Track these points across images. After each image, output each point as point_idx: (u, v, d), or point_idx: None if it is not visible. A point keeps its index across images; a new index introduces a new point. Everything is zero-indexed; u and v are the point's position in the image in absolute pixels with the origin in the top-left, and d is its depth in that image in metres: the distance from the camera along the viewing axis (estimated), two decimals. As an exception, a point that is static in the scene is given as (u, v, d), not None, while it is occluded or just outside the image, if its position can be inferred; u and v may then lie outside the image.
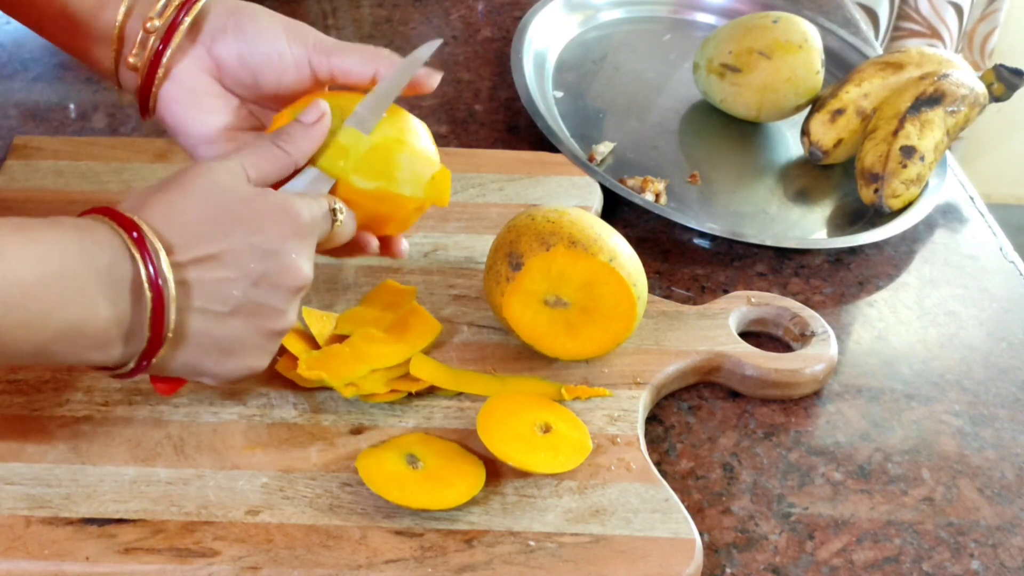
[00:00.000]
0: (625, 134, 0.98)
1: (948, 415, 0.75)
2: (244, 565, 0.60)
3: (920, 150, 0.89)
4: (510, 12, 1.16)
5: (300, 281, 0.61)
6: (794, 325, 0.78)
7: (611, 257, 0.69)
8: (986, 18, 2.07)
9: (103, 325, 0.56)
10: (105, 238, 0.56)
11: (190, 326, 0.59)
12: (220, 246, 0.58)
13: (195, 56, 0.68)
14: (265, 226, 0.60)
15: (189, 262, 0.58)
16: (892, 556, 0.66)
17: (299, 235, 0.61)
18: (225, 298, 0.59)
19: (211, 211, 0.59)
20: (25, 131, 0.94)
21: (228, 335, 0.60)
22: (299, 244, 0.61)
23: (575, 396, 0.71)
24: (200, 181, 0.59)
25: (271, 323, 0.61)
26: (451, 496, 0.63)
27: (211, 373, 0.62)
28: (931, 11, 1.99)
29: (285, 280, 0.61)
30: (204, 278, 0.58)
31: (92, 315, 0.55)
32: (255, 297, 0.60)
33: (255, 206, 0.60)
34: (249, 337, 0.61)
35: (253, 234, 0.59)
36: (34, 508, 0.62)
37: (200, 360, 0.61)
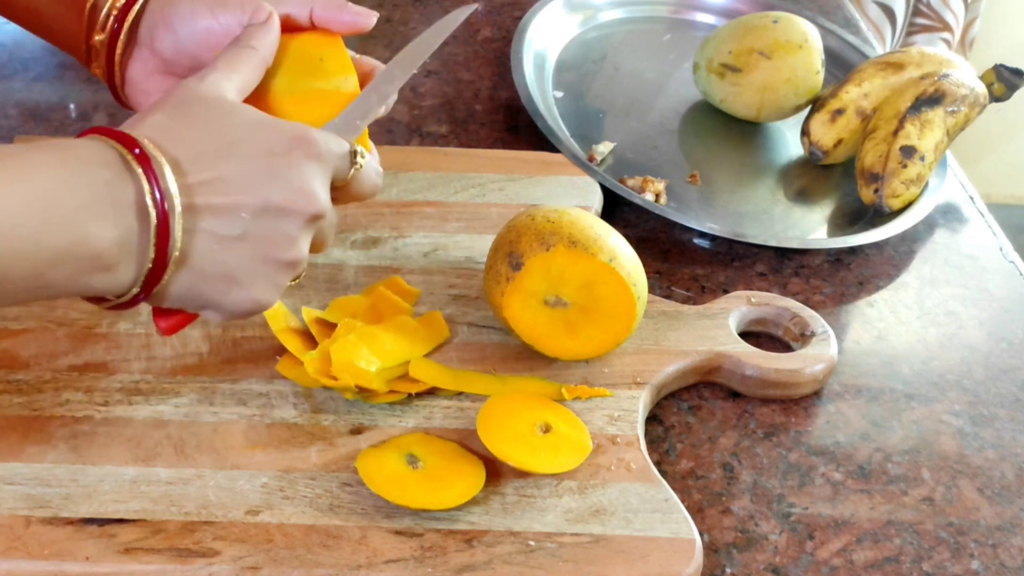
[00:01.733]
0: (625, 134, 0.98)
1: (948, 415, 0.75)
2: (244, 565, 0.60)
3: (920, 150, 0.89)
4: (510, 12, 1.16)
5: (313, 207, 0.59)
6: (794, 325, 0.78)
7: (611, 257, 0.69)
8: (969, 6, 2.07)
9: (104, 246, 0.54)
10: (102, 156, 0.54)
11: (196, 248, 0.56)
12: (228, 167, 0.56)
13: (141, 58, 0.68)
14: (275, 148, 0.58)
15: (196, 184, 0.56)
16: (892, 556, 0.66)
17: (313, 159, 0.59)
18: (233, 221, 0.57)
19: (216, 132, 0.57)
20: (25, 131, 0.94)
21: (236, 261, 0.58)
22: (313, 169, 0.59)
23: (575, 396, 0.71)
24: (200, 103, 0.58)
25: (281, 252, 0.59)
26: (451, 496, 0.63)
27: (216, 304, 0.59)
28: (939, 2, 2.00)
29: (297, 204, 0.58)
30: (212, 200, 0.56)
31: (85, 236, 0.53)
32: (265, 221, 0.58)
33: (263, 130, 0.58)
34: (257, 265, 0.59)
35: (262, 157, 0.57)
36: (34, 508, 0.62)
37: (205, 288, 0.58)
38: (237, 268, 0.58)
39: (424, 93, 1.02)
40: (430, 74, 1.05)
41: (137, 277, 0.56)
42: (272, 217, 0.58)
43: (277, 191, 0.58)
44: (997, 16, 2.17)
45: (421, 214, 0.84)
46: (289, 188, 0.58)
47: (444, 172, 0.88)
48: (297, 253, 0.60)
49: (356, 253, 0.80)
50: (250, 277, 0.59)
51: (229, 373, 0.71)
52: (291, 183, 0.58)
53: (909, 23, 2.03)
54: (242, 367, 0.71)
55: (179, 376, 0.70)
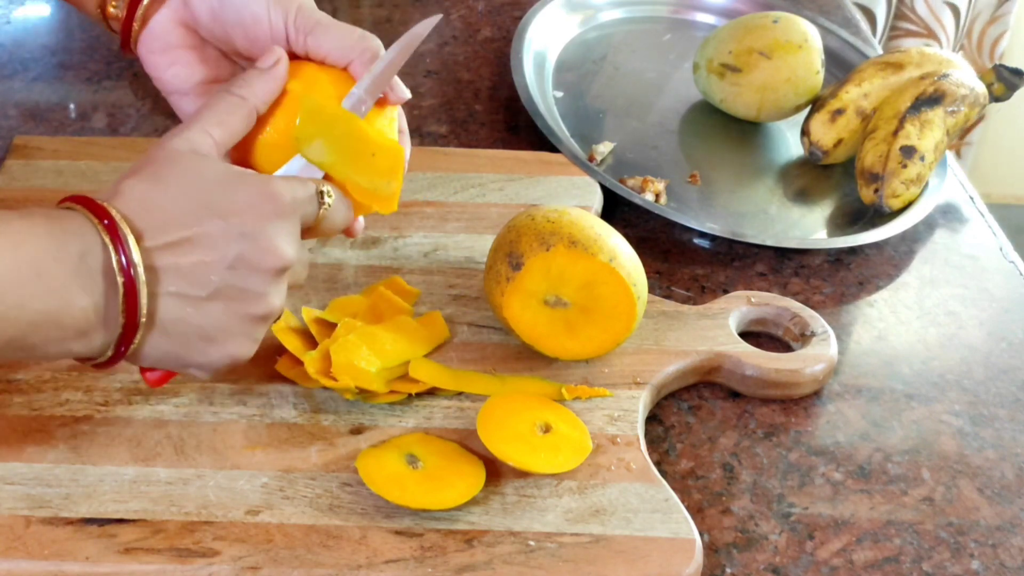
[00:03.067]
0: (625, 134, 0.98)
1: (948, 415, 0.75)
2: (244, 565, 0.60)
3: (920, 150, 0.89)
4: (510, 12, 1.16)
5: (280, 262, 0.59)
6: (794, 325, 0.78)
7: (611, 257, 0.69)
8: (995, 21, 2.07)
9: (80, 314, 0.55)
10: (78, 227, 0.55)
11: (165, 311, 0.57)
12: (193, 230, 0.57)
13: (171, 6, 0.67)
14: (241, 207, 0.58)
15: (163, 247, 0.56)
16: (892, 556, 0.66)
17: (279, 215, 0.59)
18: (202, 282, 0.58)
19: (184, 194, 0.57)
20: (25, 131, 0.94)
21: (208, 321, 0.59)
22: (279, 225, 0.59)
23: (575, 396, 0.71)
24: (172, 163, 0.58)
25: (252, 308, 0.60)
26: (451, 496, 0.63)
27: (195, 363, 0.60)
28: (927, 12, 1.99)
29: (264, 262, 0.59)
30: (178, 263, 0.57)
31: (67, 304, 0.54)
32: (233, 281, 0.58)
33: (230, 188, 0.58)
34: (230, 323, 0.59)
35: (228, 216, 0.58)
36: (34, 508, 0.62)
37: (182, 348, 0.59)
38: (210, 327, 0.59)
39: (424, 93, 1.02)
40: (430, 74, 1.05)
41: (110, 341, 0.57)
42: (240, 275, 0.59)
43: (244, 250, 0.58)
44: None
45: (421, 214, 0.84)
46: (256, 247, 0.58)
47: (444, 172, 0.88)
48: (268, 307, 0.60)
49: (356, 253, 0.80)
50: (224, 335, 0.60)
51: (229, 373, 0.71)
52: (258, 242, 0.58)
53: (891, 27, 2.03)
54: (242, 367, 0.71)
55: (179, 376, 0.70)
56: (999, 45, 2.09)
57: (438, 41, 1.10)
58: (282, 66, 0.63)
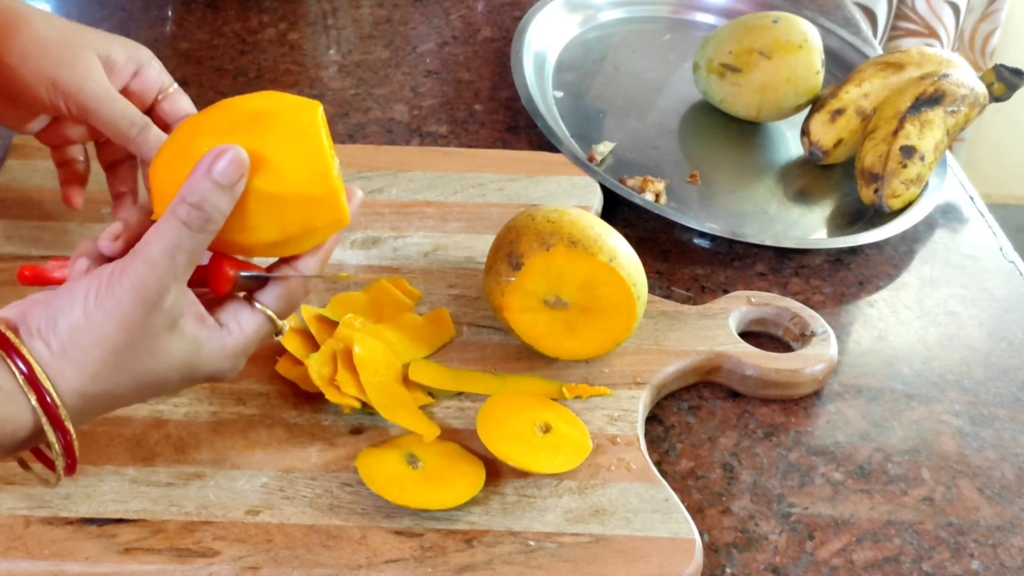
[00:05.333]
0: (625, 134, 0.98)
1: (948, 415, 0.75)
2: (244, 565, 0.60)
3: (920, 150, 0.89)
4: (510, 12, 1.16)
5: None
6: (794, 325, 0.78)
7: (611, 257, 0.69)
8: (987, 18, 2.07)
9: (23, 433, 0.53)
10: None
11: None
12: (127, 398, 0.56)
13: None
14: (200, 379, 0.58)
15: (90, 396, 0.54)
16: (892, 556, 0.66)
17: (235, 371, 0.59)
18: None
19: (134, 378, 0.55)
20: (25, 131, 0.94)
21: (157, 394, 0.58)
22: (232, 375, 0.59)
23: (576, 395, 0.71)
24: (140, 352, 0.54)
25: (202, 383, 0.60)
26: (451, 496, 0.63)
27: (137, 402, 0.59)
28: (928, 10, 1.99)
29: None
30: (98, 408, 0.56)
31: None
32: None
33: (191, 371, 0.57)
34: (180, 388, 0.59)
35: (167, 389, 0.57)
36: (34, 508, 0.62)
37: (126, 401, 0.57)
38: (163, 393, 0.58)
39: (424, 93, 1.02)
40: (430, 74, 1.05)
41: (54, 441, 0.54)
42: None
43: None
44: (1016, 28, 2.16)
45: (421, 214, 0.84)
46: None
47: (444, 172, 0.88)
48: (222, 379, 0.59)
49: (356, 253, 0.80)
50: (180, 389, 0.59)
51: (229, 373, 0.71)
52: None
53: (892, 27, 2.03)
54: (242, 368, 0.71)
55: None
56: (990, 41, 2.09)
57: (438, 41, 1.10)
58: (245, 175, 0.55)
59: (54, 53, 0.69)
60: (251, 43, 1.08)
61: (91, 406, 0.55)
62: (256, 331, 0.58)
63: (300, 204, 0.56)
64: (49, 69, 0.69)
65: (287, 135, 0.56)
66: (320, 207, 0.57)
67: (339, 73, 1.04)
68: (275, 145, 0.55)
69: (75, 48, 0.70)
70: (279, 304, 0.58)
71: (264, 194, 0.55)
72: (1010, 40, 2.16)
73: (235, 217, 0.55)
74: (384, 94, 1.02)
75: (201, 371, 0.57)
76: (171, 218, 0.54)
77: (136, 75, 0.73)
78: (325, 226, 0.58)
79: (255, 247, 0.57)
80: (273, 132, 0.56)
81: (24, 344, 0.52)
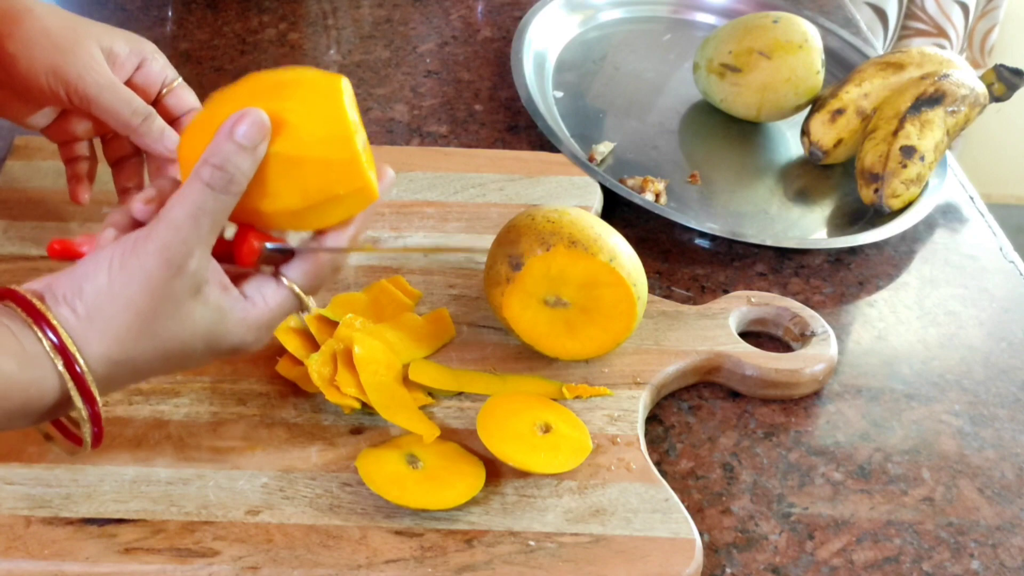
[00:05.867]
0: (625, 134, 0.98)
1: (948, 415, 0.75)
2: (244, 565, 0.60)
3: (920, 150, 0.89)
4: (510, 12, 1.16)
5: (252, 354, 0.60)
6: (794, 325, 0.78)
7: (611, 257, 0.69)
8: (985, 15, 2.07)
9: (49, 399, 0.53)
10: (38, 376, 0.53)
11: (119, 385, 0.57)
12: (151, 368, 0.56)
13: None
14: (224, 352, 0.58)
15: (116, 363, 0.54)
16: (892, 556, 0.66)
17: (260, 344, 0.59)
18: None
19: (162, 346, 0.55)
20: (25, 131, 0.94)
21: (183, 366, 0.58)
22: (256, 348, 0.59)
23: (576, 395, 0.71)
24: (165, 316, 0.54)
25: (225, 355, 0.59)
26: (451, 496, 0.63)
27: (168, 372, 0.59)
28: (937, 10, 2.00)
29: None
30: (125, 378, 0.56)
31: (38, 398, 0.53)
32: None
33: (216, 339, 0.57)
34: (205, 360, 0.59)
35: (209, 359, 0.58)
36: (34, 508, 0.62)
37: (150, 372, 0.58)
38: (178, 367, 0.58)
39: (424, 93, 1.02)
40: (430, 74, 1.05)
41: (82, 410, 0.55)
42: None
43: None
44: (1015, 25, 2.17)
45: (421, 214, 0.84)
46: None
47: (444, 172, 0.88)
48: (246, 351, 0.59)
49: (356, 253, 0.80)
50: (193, 364, 0.59)
51: (229, 373, 0.71)
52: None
53: (902, 26, 2.03)
54: (242, 367, 0.71)
55: (179, 376, 0.70)
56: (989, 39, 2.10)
57: (438, 41, 1.10)
58: (267, 137, 0.55)
59: (56, 42, 0.69)
60: (251, 43, 1.08)
61: (117, 373, 0.55)
62: (280, 305, 0.58)
63: (320, 168, 0.56)
64: (50, 58, 0.69)
65: (308, 101, 0.56)
66: (340, 172, 0.56)
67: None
68: (296, 109, 0.55)
69: (77, 38, 0.70)
70: (305, 279, 0.58)
71: (284, 157, 0.55)
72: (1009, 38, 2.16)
73: (257, 183, 0.55)
74: (384, 94, 1.02)
75: (225, 341, 0.57)
76: (194, 181, 0.54)
77: (140, 68, 0.73)
78: (348, 194, 0.57)
79: (278, 215, 0.57)
80: (295, 98, 0.56)
81: (50, 310, 0.53)
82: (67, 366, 0.52)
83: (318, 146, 0.56)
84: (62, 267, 0.56)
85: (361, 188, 0.57)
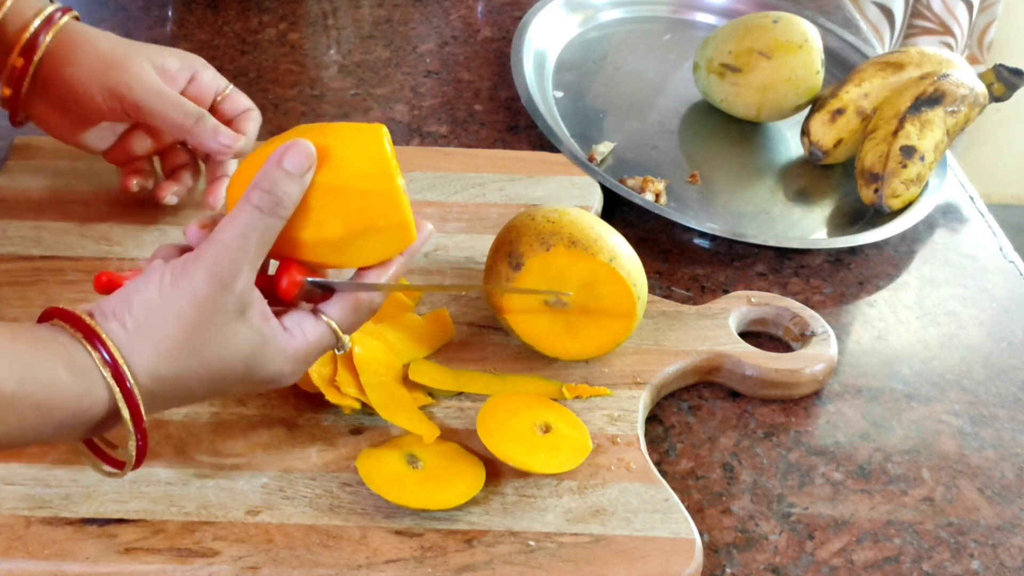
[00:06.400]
0: (625, 134, 0.98)
1: (948, 415, 0.75)
2: (244, 565, 0.60)
3: (920, 150, 0.89)
4: (510, 12, 1.16)
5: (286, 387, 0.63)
6: (794, 325, 0.78)
7: (611, 257, 0.69)
8: (985, 10, 2.07)
9: (98, 412, 0.54)
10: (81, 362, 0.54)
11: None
12: (193, 392, 0.58)
13: (43, 102, 0.77)
14: (259, 383, 0.60)
15: (160, 388, 0.56)
16: (892, 556, 0.66)
17: (294, 378, 0.61)
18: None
19: (212, 377, 0.57)
20: (25, 131, 0.94)
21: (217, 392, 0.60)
22: (290, 381, 0.61)
23: (576, 395, 0.71)
24: (209, 331, 0.56)
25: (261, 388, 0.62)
26: (451, 496, 0.63)
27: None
28: (942, 7, 2.00)
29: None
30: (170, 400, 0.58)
31: (87, 407, 0.54)
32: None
33: (257, 367, 0.58)
34: (244, 390, 0.62)
35: (245, 387, 0.60)
36: (34, 508, 0.62)
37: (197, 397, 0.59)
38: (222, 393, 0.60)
39: (424, 93, 1.02)
40: (430, 74, 1.05)
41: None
42: None
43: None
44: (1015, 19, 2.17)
45: (421, 214, 0.84)
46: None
47: (444, 172, 0.88)
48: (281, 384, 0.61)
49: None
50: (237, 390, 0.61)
51: (229, 373, 0.71)
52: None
53: (909, 25, 2.03)
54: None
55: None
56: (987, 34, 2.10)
57: (438, 41, 1.10)
58: (314, 165, 0.58)
59: (108, 61, 0.75)
60: (251, 43, 1.08)
61: (162, 390, 0.55)
62: (319, 339, 0.60)
63: (361, 198, 0.58)
64: (104, 76, 0.75)
65: (352, 139, 0.59)
66: (381, 204, 0.59)
67: (339, 73, 1.04)
68: (340, 146, 0.59)
69: (128, 54, 0.76)
70: (343, 316, 0.60)
71: (328, 187, 0.58)
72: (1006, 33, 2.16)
73: (301, 212, 0.58)
74: (384, 94, 1.02)
75: (264, 369, 0.58)
76: (244, 204, 0.56)
77: (192, 81, 0.78)
78: (387, 228, 0.60)
79: (319, 246, 0.59)
80: (339, 136, 0.59)
81: (99, 325, 0.54)
82: (116, 378, 0.54)
83: (361, 178, 0.59)
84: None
85: (399, 224, 0.60)
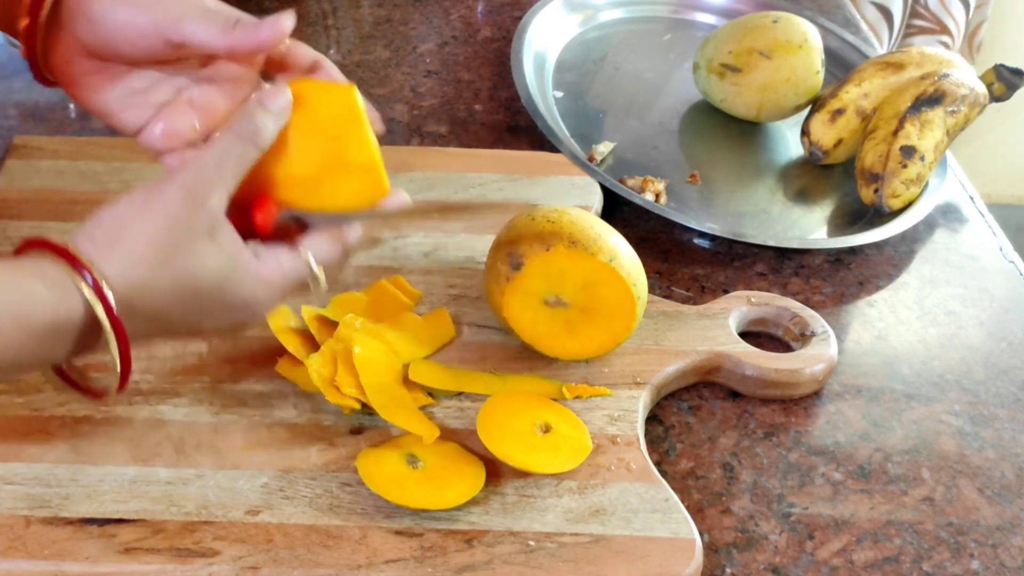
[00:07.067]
0: (625, 134, 0.98)
1: (948, 415, 0.75)
2: (244, 565, 0.60)
3: (920, 150, 0.89)
4: (510, 12, 1.16)
5: (260, 321, 0.63)
6: (794, 325, 0.78)
7: (611, 257, 0.69)
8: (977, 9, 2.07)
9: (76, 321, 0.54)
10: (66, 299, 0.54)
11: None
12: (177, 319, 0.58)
13: (64, 43, 0.67)
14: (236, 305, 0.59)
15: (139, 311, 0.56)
16: (892, 556, 0.66)
17: (268, 308, 0.61)
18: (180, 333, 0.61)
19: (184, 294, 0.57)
20: (25, 131, 0.94)
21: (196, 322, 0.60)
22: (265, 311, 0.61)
23: (576, 395, 0.71)
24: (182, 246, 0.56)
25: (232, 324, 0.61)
26: (451, 496, 0.63)
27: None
28: (939, 6, 2.00)
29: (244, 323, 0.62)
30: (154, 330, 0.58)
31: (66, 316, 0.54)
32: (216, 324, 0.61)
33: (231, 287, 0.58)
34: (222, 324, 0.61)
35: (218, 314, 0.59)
36: (34, 508, 0.62)
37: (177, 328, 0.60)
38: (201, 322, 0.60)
39: (424, 93, 1.02)
40: (430, 74, 1.05)
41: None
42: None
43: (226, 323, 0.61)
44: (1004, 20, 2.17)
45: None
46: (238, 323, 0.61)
47: (444, 172, 0.88)
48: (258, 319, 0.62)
49: (359, 252, 0.80)
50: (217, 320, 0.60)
51: (229, 373, 0.71)
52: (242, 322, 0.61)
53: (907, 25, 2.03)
54: (242, 367, 0.71)
55: (179, 376, 0.70)
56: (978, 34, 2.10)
57: (438, 41, 1.10)
58: (290, 105, 0.61)
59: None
60: (251, 43, 1.07)
61: (137, 299, 0.55)
62: (295, 269, 0.60)
63: (331, 135, 0.62)
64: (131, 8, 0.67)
65: (326, 89, 0.64)
66: (350, 142, 0.62)
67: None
68: (314, 94, 0.62)
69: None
70: (319, 249, 0.61)
71: (301, 128, 0.61)
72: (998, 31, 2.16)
73: (276, 150, 0.61)
74: (384, 94, 1.02)
75: (237, 291, 0.58)
76: (224, 132, 0.59)
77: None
78: (357, 166, 0.62)
79: (293, 181, 0.62)
80: (313, 87, 0.63)
81: (70, 242, 0.55)
82: (88, 283, 0.54)
83: (331, 119, 0.62)
84: None
85: (367, 165, 0.63)
